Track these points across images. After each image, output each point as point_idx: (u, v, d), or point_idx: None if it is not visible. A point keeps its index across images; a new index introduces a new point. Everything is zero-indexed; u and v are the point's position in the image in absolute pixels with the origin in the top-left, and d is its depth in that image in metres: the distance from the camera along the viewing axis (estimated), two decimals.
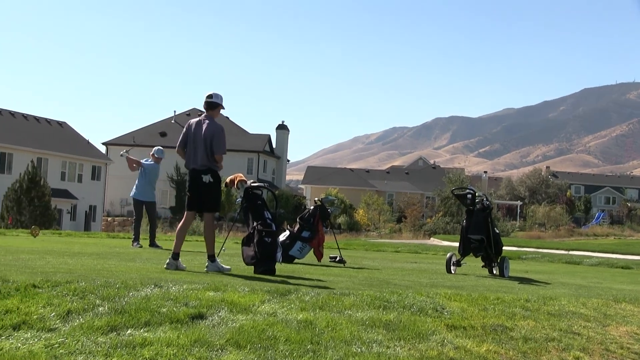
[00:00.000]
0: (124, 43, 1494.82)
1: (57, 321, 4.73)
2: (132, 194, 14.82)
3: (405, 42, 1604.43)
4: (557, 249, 27.32)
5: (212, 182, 8.66)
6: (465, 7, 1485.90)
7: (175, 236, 8.96)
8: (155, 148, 15.35)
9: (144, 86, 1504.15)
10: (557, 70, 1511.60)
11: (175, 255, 8.67)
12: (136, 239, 14.52)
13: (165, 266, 8.62)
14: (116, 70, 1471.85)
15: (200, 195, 8.65)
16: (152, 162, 14.90)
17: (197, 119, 8.86)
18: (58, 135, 57.83)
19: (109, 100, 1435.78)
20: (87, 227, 53.45)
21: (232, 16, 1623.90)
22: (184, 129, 8.84)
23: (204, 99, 8.85)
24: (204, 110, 8.93)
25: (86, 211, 56.57)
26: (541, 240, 41.97)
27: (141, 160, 14.93)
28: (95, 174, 58.98)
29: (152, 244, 14.47)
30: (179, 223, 9.09)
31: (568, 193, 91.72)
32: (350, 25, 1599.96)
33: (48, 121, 59.57)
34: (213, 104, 8.83)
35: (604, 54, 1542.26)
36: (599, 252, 25.24)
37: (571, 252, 24.19)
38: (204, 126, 8.72)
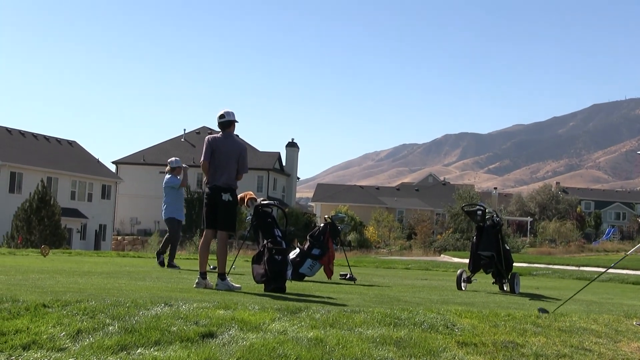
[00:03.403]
0: (133, 61, 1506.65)
1: (67, 341, 4.74)
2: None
3: (414, 59, 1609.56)
4: (568, 265, 27.13)
5: (230, 201, 8.69)
6: (474, 23, 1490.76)
7: (199, 255, 9.00)
8: (170, 159, 14.76)
9: (153, 105, 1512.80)
10: (566, 86, 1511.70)
11: (203, 275, 8.72)
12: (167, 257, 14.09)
13: (194, 285, 8.70)
14: (126, 89, 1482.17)
15: (217, 214, 8.68)
16: (168, 176, 14.33)
17: (217, 136, 8.87)
18: (68, 154, 58.15)
19: (118, 119, 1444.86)
20: (97, 246, 53.53)
21: (241, 34, 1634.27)
22: (207, 144, 8.77)
23: (216, 120, 8.88)
24: (218, 129, 8.93)
25: (96, 230, 56.70)
26: (552, 256, 41.74)
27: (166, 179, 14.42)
28: (105, 192, 59.18)
29: (159, 259, 14.09)
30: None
31: (578, 209, 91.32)
32: (359, 42, 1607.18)
33: (58, 140, 59.92)
34: (227, 122, 8.87)
35: (613, 69, 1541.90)
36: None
37: (582, 268, 24.03)
38: (230, 144, 8.75)
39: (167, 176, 14.32)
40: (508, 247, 11.55)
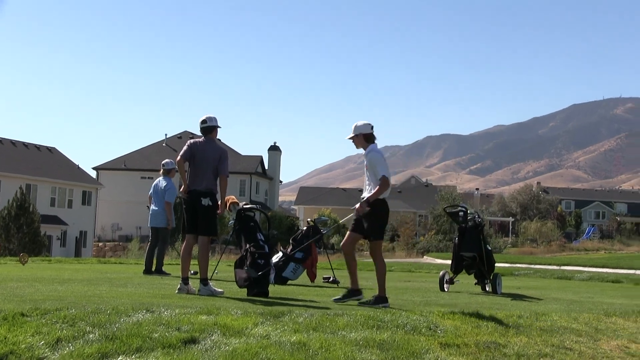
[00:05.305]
0: (113, 66, 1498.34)
1: (47, 350, 4.69)
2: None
3: (395, 61, 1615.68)
4: (549, 264, 27.36)
5: (210, 206, 8.66)
6: (454, 25, 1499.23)
7: (181, 261, 8.95)
8: (165, 160, 13.94)
9: (134, 110, 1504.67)
10: (546, 87, 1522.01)
11: (185, 280, 8.70)
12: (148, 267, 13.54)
13: (176, 291, 8.67)
14: (106, 94, 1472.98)
15: (197, 218, 8.65)
16: (165, 183, 13.60)
17: (199, 140, 8.87)
18: (47, 160, 57.67)
19: (99, 124, 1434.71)
20: (77, 253, 53.11)
21: (222, 38, 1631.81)
22: (187, 146, 8.77)
23: (198, 125, 8.87)
24: (200, 134, 8.93)
25: (76, 237, 56.25)
26: (533, 256, 42.05)
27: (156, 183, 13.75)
28: (86, 199, 58.74)
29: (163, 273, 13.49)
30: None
31: (559, 208, 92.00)
32: (340, 45, 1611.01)
33: (37, 147, 59.42)
34: (209, 128, 8.86)
35: (591, 70, 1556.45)
36: (589, 266, 25.33)
37: (563, 268, 24.21)
38: (210, 149, 8.75)
39: (164, 182, 13.63)
40: (490, 248, 11.60)
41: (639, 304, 9.52)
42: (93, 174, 67.00)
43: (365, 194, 8.11)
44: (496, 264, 11.82)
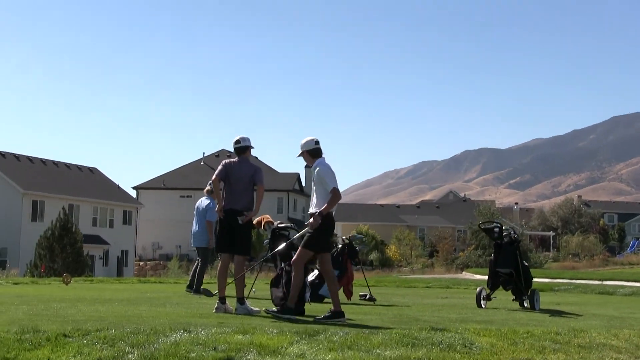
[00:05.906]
0: (150, 87, 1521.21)
1: None
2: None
3: (431, 76, 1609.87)
4: (591, 279, 26.74)
5: (247, 225, 8.79)
6: (491, 38, 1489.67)
7: (217, 280, 9.07)
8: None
9: (172, 129, 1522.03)
10: (585, 99, 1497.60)
11: (222, 299, 8.79)
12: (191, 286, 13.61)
13: (214, 310, 8.78)
14: (144, 114, 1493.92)
15: (233, 238, 8.76)
16: (208, 201, 13.54)
17: (234, 160, 9.04)
18: (89, 181, 58.71)
19: (137, 144, 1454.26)
20: (119, 273, 53.80)
21: (257, 55, 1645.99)
22: (222, 165, 8.93)
23: (232, 146, 9.04)
24: (235, 154, 9.09)
25: (118, 256, 57.00)
26: (574, 271, 41.27)
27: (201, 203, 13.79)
28: (127, 218, 59.55)
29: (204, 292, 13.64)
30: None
31: (601, 222, 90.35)
32: (376, 60, 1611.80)
33: (79, 167, 60.55)
34: (243, 148, 9.04)
35: (632, 81, 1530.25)
36: (633, 281, 24.66)
37: (605, 282, 23.66)
38: (245, 168, 8.92)
39: (207, 201, 13.53)
40: (527, 264, 11.52)
41: None
42: (133, 193, 67.93)
43: (313, 209, 8.07)
44: (536, 279, 11.73)
